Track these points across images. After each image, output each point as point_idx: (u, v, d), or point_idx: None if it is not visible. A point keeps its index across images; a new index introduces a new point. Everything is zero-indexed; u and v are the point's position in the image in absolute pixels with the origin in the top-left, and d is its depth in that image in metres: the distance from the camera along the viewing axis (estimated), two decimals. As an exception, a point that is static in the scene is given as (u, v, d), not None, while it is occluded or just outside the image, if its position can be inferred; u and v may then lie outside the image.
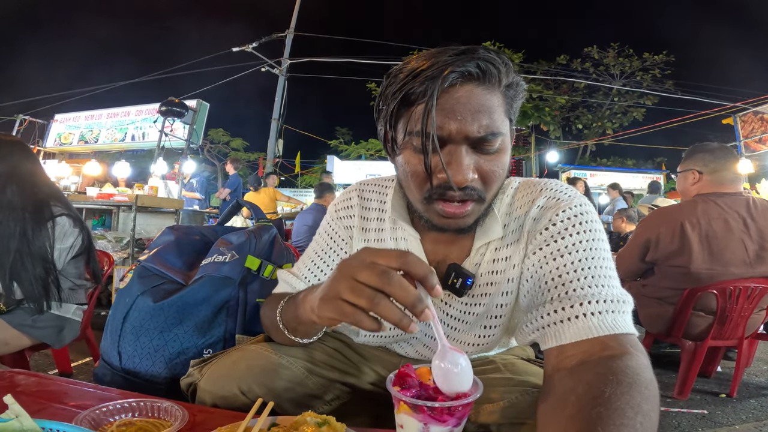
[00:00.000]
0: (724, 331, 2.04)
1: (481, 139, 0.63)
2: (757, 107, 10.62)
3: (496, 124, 0.64)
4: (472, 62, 0.62)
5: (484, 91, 0.64)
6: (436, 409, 0.51)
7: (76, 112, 11.91)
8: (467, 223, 0.70)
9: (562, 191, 0.75)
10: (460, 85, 0.63)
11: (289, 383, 0.78)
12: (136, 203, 3.69)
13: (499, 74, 0.64)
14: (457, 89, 0.63)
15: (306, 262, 0.91)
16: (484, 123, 0.63)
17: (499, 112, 0.65)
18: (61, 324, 1.56)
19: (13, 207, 1.42)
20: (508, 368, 0.81)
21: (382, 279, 0.50)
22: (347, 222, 0.88)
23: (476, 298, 0.78)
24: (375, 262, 0.51)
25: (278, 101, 12.09)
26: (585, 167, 16.11)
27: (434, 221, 0.70)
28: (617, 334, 0.58)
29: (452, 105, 0.62)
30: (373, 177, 0.93)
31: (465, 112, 0.62)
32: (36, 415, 0.48)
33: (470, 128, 0.63)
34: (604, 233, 0.71)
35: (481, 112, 0.63)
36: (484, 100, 0.63)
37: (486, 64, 0.62)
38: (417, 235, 0.80)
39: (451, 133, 0.63)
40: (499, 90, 0.66)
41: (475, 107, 0.63)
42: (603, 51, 18.12)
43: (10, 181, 1.44)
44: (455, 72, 0.61)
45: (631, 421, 0.45)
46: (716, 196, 2.05)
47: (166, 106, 6.86)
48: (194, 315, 1.10)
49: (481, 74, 0.63)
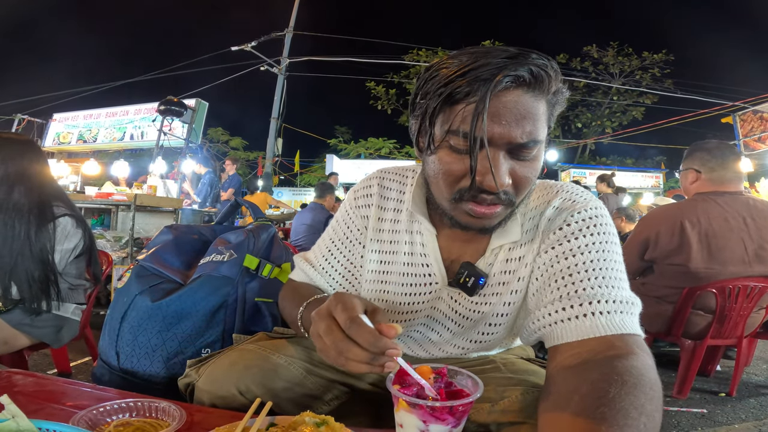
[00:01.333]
0: (723, 330, 2.04)
1: (522, 146, 0.62)
2: (756, 106, 10.62)
3: (537, 132, 0.63)
4: (524, 67, 0.60)
5: (531, 98, 0.62)
6: (436, 408, 0.51)
7: (75, 112, 11.88)
8: (492, 224, 0.70)
9: (577, 193, 0.75)
10: (510, 90, 0.61)
11: (288, 383, 0.78)
12: (134, 202, 3.68)
13: (549, 82, 0.62)
14: (506, 93, 0.61)
15: (322, 250, 0.91)
16: (527, 130, 0.62)
17: (542, 120, 0.64)
18: (60, 323, 1.55)
19: (20, 208, 1.41)
20: (508, 367, 0.81)
21: (335, 346, 0.55)
22: (364, 211, 0.88)
23: (486, 297, 0.78)
24: (330, 329, 0.56)
25: (277, 100, 12.07)
26: (584, 166, 16.09)
27: (460, 220, 0.69)
28: (624, 334, 0.58)
29: (499, 109, 0.60)
30: (395, 166, 0.92)
31: (510, 117, 0.61)
32: (33, 415, 0.48)
33: (514, 134, 0.61)
34: (617, 236, 0.72)
35: (527, 119, 0.61)
36: (530, 107, 0.62)
37: (538, 70, 0.60)
38: (433, 230, 0.80)
39: (494, 137, 0.61)
40: (546, 98, 0.64)
41: (522, 114, 0.61)
42: (602, 50, 18.13)
43: (19, 182, 1.44)
44: (509, 76, 0.59)
45: (635, 421, 0.45)
46: (716, 195, 2.04)
47: (165, 105, 6.84)
48: (192, 314, 1.10)
49: (533, 80, 0.61)
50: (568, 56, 18.56)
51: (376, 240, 0.86)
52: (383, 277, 0.85)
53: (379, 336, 0.53)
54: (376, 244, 0.86)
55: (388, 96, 19.35)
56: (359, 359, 0.53)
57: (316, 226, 4.22)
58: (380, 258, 0.85)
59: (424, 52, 17.06)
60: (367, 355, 0.53)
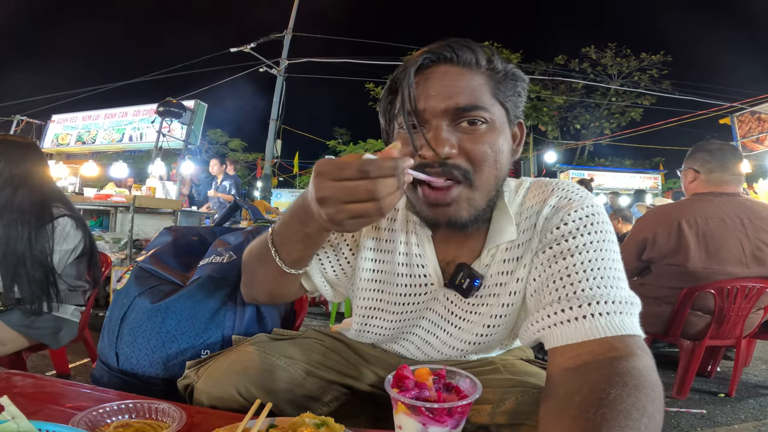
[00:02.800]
0: (721, 331, 2.04)
1: (460, 111, 0.66)
2: (753, 107, 10.65)
3: (476, 100, 0.67)
4: (446, 48, 0.67)
5: (460, 70, 0.68)
6: (434, 409, 0.51)
7: (74, 113, 11.88)
8: (458, 214, 0.70)
9: (574, 191, 0.74)
10: (435, 66, 0.67)
11: (287, 384, 0.78)
12: (133, 204, 3.67)
13: (475, 55, 0.68)
14: (432, 70, 0.67)
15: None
16: (461, 97, 0.66)
17: (482, 91, 0.68)
18: (59, 325, 1.55)
19: (22, 210, 1.42)
20: (507, 369, 0.81)
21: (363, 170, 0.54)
22: None
23: (483, 298, 0.78)
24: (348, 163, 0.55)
25: (276, 102, 12.07)
26: (583, 167, 16.12)
27: (424, 213, 0.72)
28: (624, 336, 0.58)
29: (428, 84, 0.67)
30: None
31: (440, 87, 0.66)
32: (33, 416, 0.48)
33: (445, 102, 0.66)
34: (615, 235, 0.71)
35: (457, 87, 0.67)
36: (460, 77, 0.67)
37: (460, 47, 0.67)
38: (428, 232, 0.80)
39: (427, 108, 0.66)
40: (480, 71, 0.69)
41: (451, 82, 0.67)
42: (600, 51, 18.16)
43: (22, 185, 1.45)
44: (428, 54, 0.67)
45: (636, 423, 0.45)
46: (713, 196, 2.05)
47: (164, 107, 6.83)
48: (192, 316, 1.10)
49: (455, 56, 0.67)
50: (567, 58, 18.62)
51: (372, 238, 0.86)
52: (379, 277, 0.85)
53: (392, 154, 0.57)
54: (371, 245, 0.86)
55: (387, 97, 19.32)
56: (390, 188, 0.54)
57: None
58: (375, 258, 0.86)
59: (422, 54, 17.05)
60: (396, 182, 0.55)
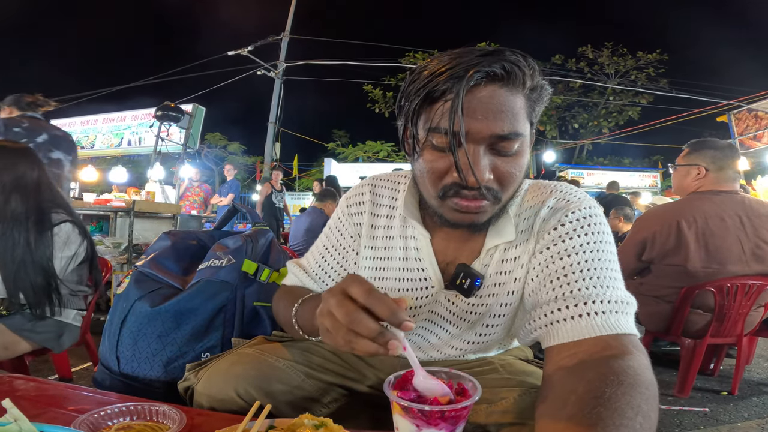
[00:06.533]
0: (722, 329, 2.04)
1: (501, 138, 0.64)
2: (751, 105, 10.68)
3: (516, 126, 0.64)
4: (497, 63, 0.62)
5: (507, 93, 0.64)
6: (427, 412, 0.51)
7: (72, 118, 11.86)
8: (481, 220, 0.70)
9: (571, 193, 0.75)
10: (483, 86, 0.63)
11: (287, 386, 0.78)
12: (133, 208, 3.68)
13: (523, 76, 0.64)
14: (480, 89, 0.63)
15: (316, 257, 0.92)
16: (504, 124, 0.63)
17: (521, 115, 0.65)
18: (61, 329, 1.56)
19: (17, 217, 1.42)
20: (506, 369, 0.81)
21: (347, 318, 0.52)
22: (357, 219, 0.88)
23: (483, 298, 0.78)
24: (342, 302, 0.54)
25: (275, 104, 12.07)
26: (582, 166, 16.12)
27: (448, 216, 0.70)
28: (619, 334, 0.59)
29: (475, 105, 0.62)
30: (387, 172, 0.93)
31: (487, 112, 0.62)
32: (35, 419, 0.48)
33: (491, 128, 0.63)
34: (612, 236, 0.72)
35: (503, 113, 0.63)
36: (506, 101, 0.63)
37: (511, 65, 0.62)
38: (427, 234, 0.80)
39: (471, 131, 0.63)
40: (523, 92, 0.65)
41: (497, 108, 0.63)
42: (597, 50, 18.18)
43: (15, 191, 1.44)
44: (480, 72, 0.61)
45: (631, 421, 0.45)
46: (712, 194, 2.05)
47: (162, 111, 6.82)
48: (191, 319, 1.10)
49: (506, 75, 0.63)
50: (564, 57, 18.64)
51: (369, 247, 0.86)
52: (378, 283, 0.85)
53: (398, 306, 0.52)
54: (369, 251, 0.86)
55: (385, 99, 19.35)
56: (371, 332, 0.52)
57: (314, 230, 4.20)
58: (374, 264, 0.86)
59: (420, 55, 17.06)
60: (379, 328, 0.52)
